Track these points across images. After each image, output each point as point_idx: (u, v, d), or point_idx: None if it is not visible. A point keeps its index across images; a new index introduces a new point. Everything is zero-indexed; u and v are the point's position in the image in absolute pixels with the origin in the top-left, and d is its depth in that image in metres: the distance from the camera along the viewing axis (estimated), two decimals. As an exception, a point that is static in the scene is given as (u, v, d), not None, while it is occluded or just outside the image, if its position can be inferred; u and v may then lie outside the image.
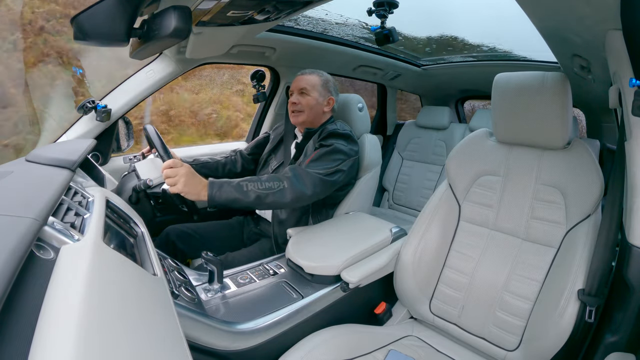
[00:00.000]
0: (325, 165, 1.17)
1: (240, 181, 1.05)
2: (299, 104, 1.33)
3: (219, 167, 1.50)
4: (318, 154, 1.20)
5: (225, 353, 0.80)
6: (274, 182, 1.07)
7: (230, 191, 1.02)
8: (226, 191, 1.02)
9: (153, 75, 1.45)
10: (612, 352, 0.76)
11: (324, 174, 1.15)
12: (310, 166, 1.16)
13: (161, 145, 1.13)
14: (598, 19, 0.70)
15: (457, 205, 1.09)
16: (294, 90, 1.36)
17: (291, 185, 1.08)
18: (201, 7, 0.87)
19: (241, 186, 1.03)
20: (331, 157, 1.20)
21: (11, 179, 0.60)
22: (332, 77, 1.41)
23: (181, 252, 1.30)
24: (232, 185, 1.03)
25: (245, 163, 1.55)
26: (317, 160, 1.18)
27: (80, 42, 0.74)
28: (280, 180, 1.08)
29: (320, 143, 1.24)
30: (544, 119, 0.93)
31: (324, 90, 1.36)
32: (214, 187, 1.01)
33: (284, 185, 1.07)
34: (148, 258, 0.65)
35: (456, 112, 2.87)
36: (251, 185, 1.04)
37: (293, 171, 1.12)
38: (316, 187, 1.13)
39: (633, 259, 0.72)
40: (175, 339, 0.47)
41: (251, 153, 1.57)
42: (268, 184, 1.06)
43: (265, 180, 1.07)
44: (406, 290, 1.08)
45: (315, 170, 1.14)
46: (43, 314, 0.34)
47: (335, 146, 1.21)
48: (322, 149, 1.22)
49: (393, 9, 1.32)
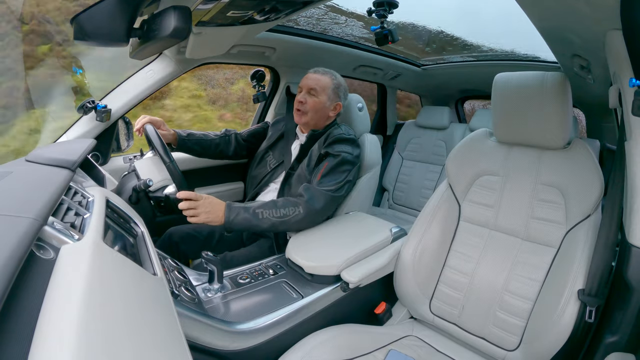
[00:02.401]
0: (335, 180, 1.19)
1: (256, 208, 1.09)
2: (305, 103, 1.30)
3: (212, 146, 1.49)
4: (328, 168, 1.20)
5: (225, 353, 0.80)
6: (289, 208, 1.10)
7: (246, 217, 1.07)
8: (242, 217, 1.07)
9: (153, 75, 1.45)
10: (612, 352, 0.76)
11: (334, 190, 1.18)
12: (323, 182, 1.18)
13: (161, 145, 1.13)
14: (598, 18, 0.70)
15: (457, 205, 1.09)
16: (302, 88, 1.33)
17: (307, 210, 1.12)
18: (201, 7, 0.87)
19: (257, 214, 1.08)
20: (340, 169, 1.21)
21: (11, 179, 0.60)
22: (344, 81, 1.38)
23: (184, 254, 1.30)
24: (249, 212, 1.08)
25: (238, 148, 1.54)
26: (328, 175, 1.20)
27: (81, 42, 0.74)
28: (296, 206, 1.11)
29: (326, 150, 1.24)
30: (544, 119, 0.93)
31: (334, 94, 1.33)
32: (231, 212, 1.07)
33: (300, 211, 1.11)
34: (148, 258, 0.65)
35: (456, 112, 2.87)
36: (267, 213, 1.09)
37: (308, 192, 1.15)
38: (327, 206, 1.18)
39: (633, 259, 0.72)
40: (175, 338, 0.47)
41: (247, 140, 1.55)
42: (284, 210, 1.10)
43: (281, 207, 1.10)
44: (406, 290, 1.08)
45: (327, 188, 1.16)
46: (43, 314, 0.34)
47: (343, 157, 1.21)
48: (331, 159, 1.21)
49: (393, 9, 1.31)
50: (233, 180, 1.87)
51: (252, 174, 1.46)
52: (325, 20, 1.83)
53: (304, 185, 1.17)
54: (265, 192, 1.39)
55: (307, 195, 1.14)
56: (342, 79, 1.38)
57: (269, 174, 1.39)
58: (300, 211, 1.11)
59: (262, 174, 1.41)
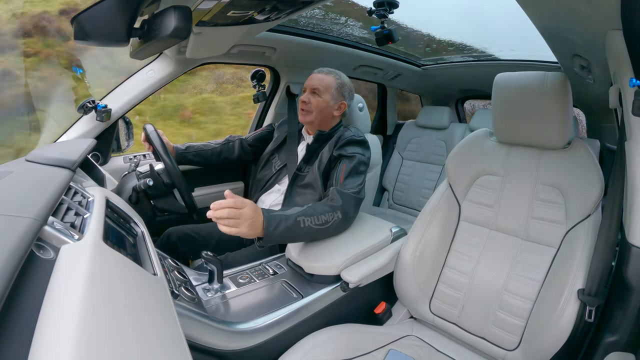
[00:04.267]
0: (356, 181, 1.17)
1: (297, 216, 0.98)
2: (309, 103, 1.30)
3: (214, 155, 1.48)
4: (347, 169, 1.18)
5: (225, 353, 0.80)
6: (329, 214, 1.05)
7: (288, 227, 0.96)
8: (283, 227, 0.95)
9: (153, 75, 1.45)
10: (611, 351, 0.76)
11: (357, 191, 1.15)
12: (346, 185, 1.15)
13: (161, 145, 1.13)
14: (598, 18, 0.70)
15: (457, 205, 1.09)
16: (306, 88, 1.33)
17: (344, 215, 1.08)
18: (201, 7, 0.87)
19: (298, 222, 0.98)
20: (358, 170, 1.20)
21: (11, 179, 0.60)
22: (350, 81, 1.37)
23: (182, 254, 1.30)
24: (290, 221, 0.97)
25: (243, 153, 1.53)
26: (349, 177, 1.17)
27: (81, 42, 0.74)
28: (334, 211, 1.06)
29: (339, 153, 1.22)
30: (544, 119, 0.93)
31: (338, 94, 1.32)
32: (271, 223, 0.93)
33: (338, 216, 1.06)
34: (148, 258, 0.66)
35: (456, 112, 2.87)
36: (308, 221, 1.00)
37: (342, 197, 1.10)
38: (357, 209, 1.15)
39: (633, 259, 0.72)
40: (175, 338, 0.47)
41: (253, 145, 1.54)
42: (324, 217, 1.04)
43: (321, 213, 1.03)
44: (406, 290, 1.08)
45: (351, 190, 1.14)
46: (43, 314, 0.34)
47: (359, 158, 1.20)
48: (347, 161, 1.20)
49: (393, 9, 1.32)
50: (233, 180, 1.87)
51: (257, 177, 1.44)
52: (326, 20, 1.83)
53: (333, 189, 1.13)
54: (269, 193, 1.38)
55: (341, 199, 1.10)
56: (347, 78, 1.38)
57: (274, 175, 1.38)
58: (339, 216, 1.06)
59: (268, 175, 1.40)
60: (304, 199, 1.26)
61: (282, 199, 1.31)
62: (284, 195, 1.30)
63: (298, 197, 1.28)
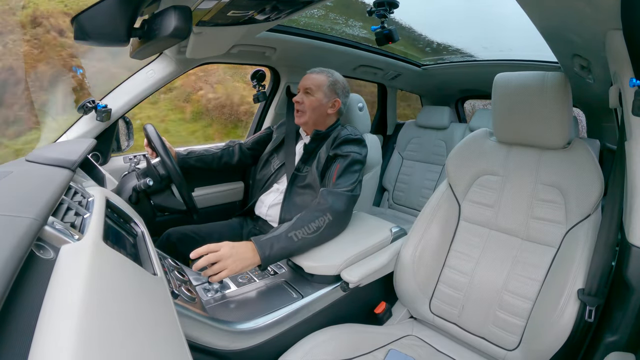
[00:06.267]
0: (349, 180, 1.17)
1: (287, 232, 1.00)
2: (302, 103, 1.31)
3: (215, 160, 1.49)
4: (341, 169, 1.19)
5: (225, 353, 0.80)
6: (318, 219, 1.04)
7: (282, 247, 0.98)
8: (278, 247, 0.97)
9: (153, 75, 1.45)
10: (611, 351, 0.76)
11: (351, 189, 1.15)
12: (339, 184, 1.15)
13: (161, 145, 1.13)
14: (598, 18, 0.70)
15: (457, 204, 1.09)
16: (300, 89, 1.34)
17: (334, 214, 1.07)
18: (201, 7, 0.87)
19: (290, 238, 0.99)
20: (352, 168, 1.19)
21: (11, 178, 0.60)
22: (343, 79, 1.38)
23: (182, 254, 1.30)
24: (282, 240, 0.98)
25: (243, 157, 1.54)
26: (342, 176, 1.17)
27: (81, 42, 0.74)
28: (323, 213, 1.06)
29: (335, 152, 1.23)
30: (544, 118, 0.93)
31: (330, 91, 1.33)
32: (264, 248, 0.96)
33: (328, 217, 1.06)
34: (148, 258, 0.65)
35: (456, 112, 2.87)
36: (300, 233, 1.01)
37: (329, 197, 1.10)
38: (350, 206, 1.14)
39: (633, 259, 0.72)
40: (175, 338, 0.47)
41: (252, 148, 1.55)
42: (314, 223, 1.03)
43: (309, 220, 1.03)
44: (406, 290, 1.08)
45: (343, 189, 1.13)
46: (43, 314, 0.34)
47: (353, 157, 1.20)
48: (341, 160, 1.20)
49: (393, 9, 1.31)
50: (233, 180, 1.87)
51: (257, 177, 1.46)
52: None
53: (322, 191, 1.14)
54: (268, 193, 1.39)
55: (329, 199, 1.10)
56: (341, 76, 1.38)
57: (273, 174, 1.39)
58: (329, 217, 1.06)
59: (267, 175, 1.41)
60: (304, 199, 1.27)
61: (281, 198, 1.31)
62: (284, 195, 1.30)
63: (298, 198, 1.28)
